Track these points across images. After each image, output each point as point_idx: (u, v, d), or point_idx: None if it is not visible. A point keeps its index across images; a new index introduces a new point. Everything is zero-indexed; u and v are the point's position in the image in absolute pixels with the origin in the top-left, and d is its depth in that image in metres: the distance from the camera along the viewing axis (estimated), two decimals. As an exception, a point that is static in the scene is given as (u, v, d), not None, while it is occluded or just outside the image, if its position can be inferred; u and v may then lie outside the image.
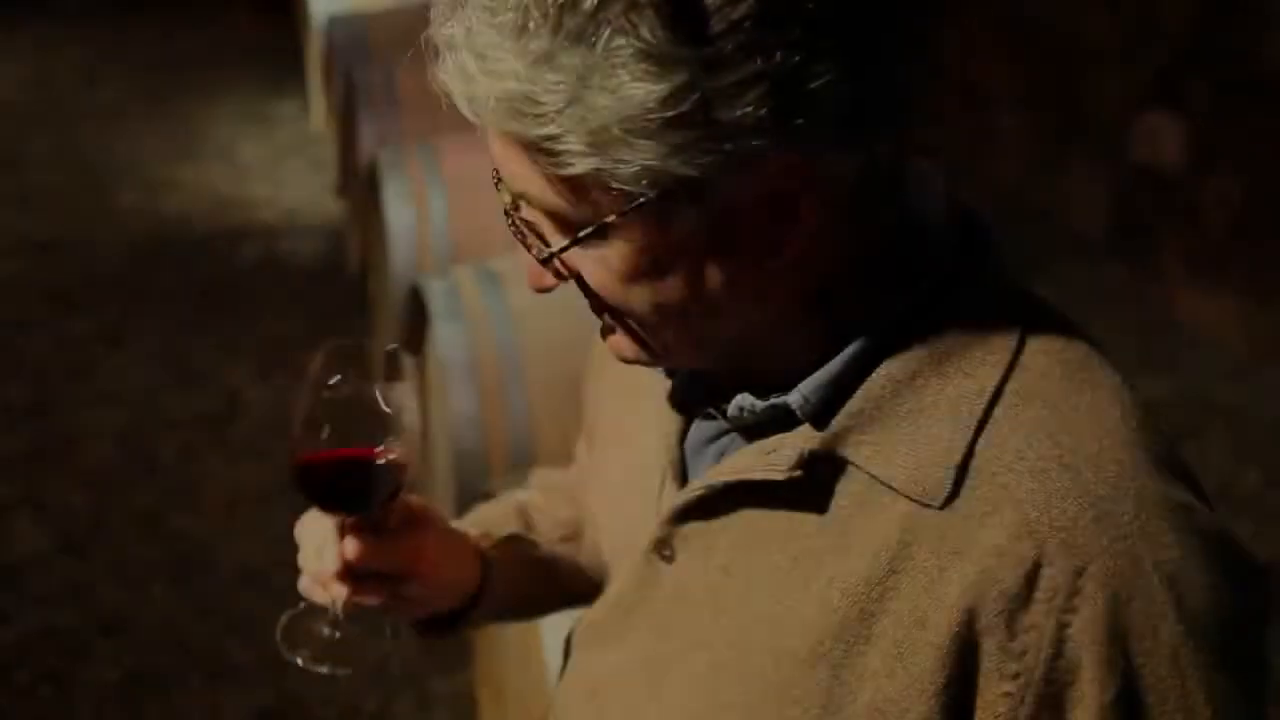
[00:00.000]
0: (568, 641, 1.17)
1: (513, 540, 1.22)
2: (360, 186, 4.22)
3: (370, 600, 1.10)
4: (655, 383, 1.01)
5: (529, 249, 0.83)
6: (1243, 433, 3.91)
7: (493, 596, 1.18)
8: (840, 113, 0.74)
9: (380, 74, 4.31)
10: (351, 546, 1.06)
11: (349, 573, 1.07)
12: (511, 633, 2.22)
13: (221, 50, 8.25)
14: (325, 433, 1.04)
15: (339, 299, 4.84)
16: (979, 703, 0.80)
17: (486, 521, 1.24)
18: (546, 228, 0.82)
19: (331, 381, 1.02)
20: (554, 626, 1.81)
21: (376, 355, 1.06)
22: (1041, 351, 0.84)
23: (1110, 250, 4.93)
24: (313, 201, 5.84)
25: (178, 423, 4.04)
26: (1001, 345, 0.83)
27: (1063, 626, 0.76)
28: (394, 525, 1.10)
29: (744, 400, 0.89)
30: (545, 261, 0.82)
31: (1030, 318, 0.86)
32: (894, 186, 0.85)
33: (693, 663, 0.93)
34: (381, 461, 1.04)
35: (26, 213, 5.75)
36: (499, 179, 0.84)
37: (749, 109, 0.72)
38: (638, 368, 1.05)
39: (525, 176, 0.79)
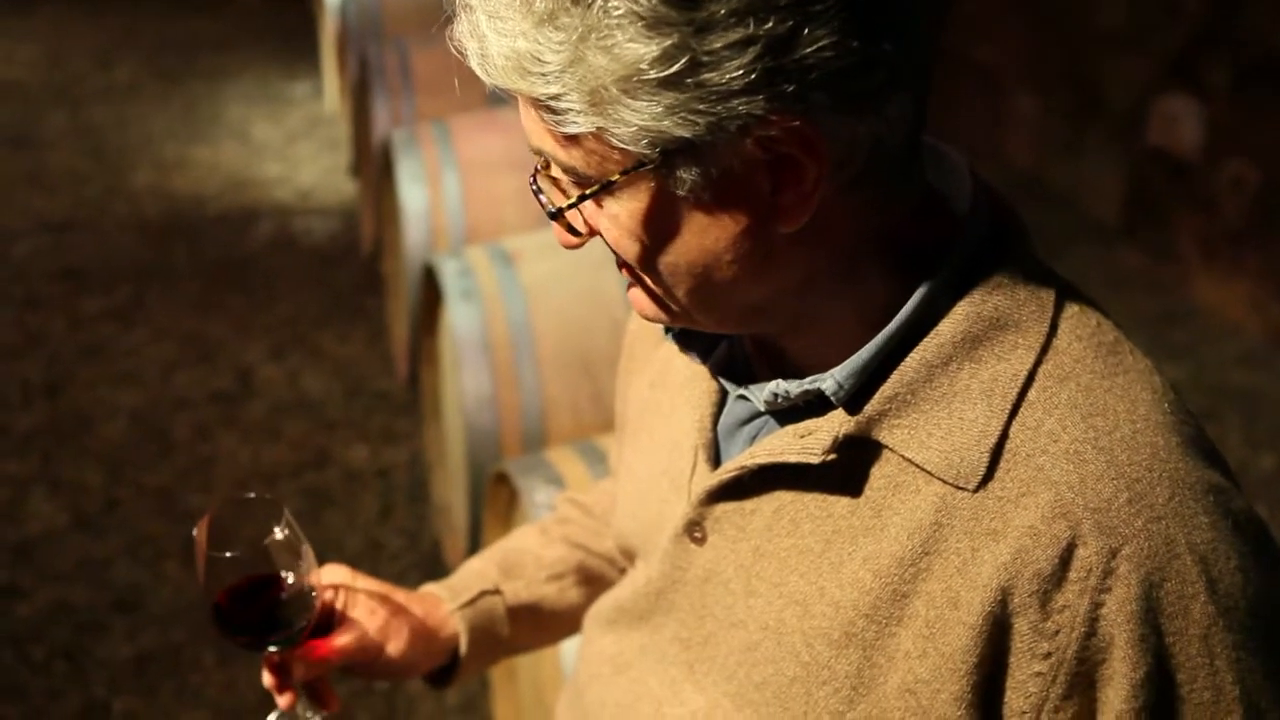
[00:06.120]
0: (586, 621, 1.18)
1: (478, 598, 1.26)
2: (374, 166, 4.23)
3: (325, 708, 1.17)
4: (688, 367, 1.02)
5: (543, 206, 0.85)
6: (1257, 417, 3.91)
7: (472, 650, 1.24)
8: (840, 79, 0.74)
9: (394, 54, 4.31)
10: (281, 671, 1.14)
11: (287, 687, 1.14)
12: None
13: (235, 31, 8.26)
14: (229, 590, 1.11)
15: (352, 279, 4.85)
16: (1010, 682, 0.81)
17: (460, 580, 1.29)
18: (567, 185, 0.84)
19: (221, 544, 1.09)
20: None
21: (255, 504, 1.14)
22: (1074, 335, 0.84)
23: (1126, 235, 4.91)
24: (326, 181, 5.85)
25: (191, 401, 4.05)
26: (1034, 329, 0.84)
27: (1096, 606, 0.77)
28: (333, 625, 1.17)
29: (778, 386, 0.89)
30: (554, 217, 0.84)
31: (1061, 301, 0.86)
32: (914, 159, 0.84)
33: (726, 643, 0.94)
34: (283, 598, 1.11)
35: (41, 193, 5.76)
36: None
37: (739, 73, 0.72)
38: (671, 354, 1.06)
39: (540, 134, 0.81)
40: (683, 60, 0.72)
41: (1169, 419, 0.82)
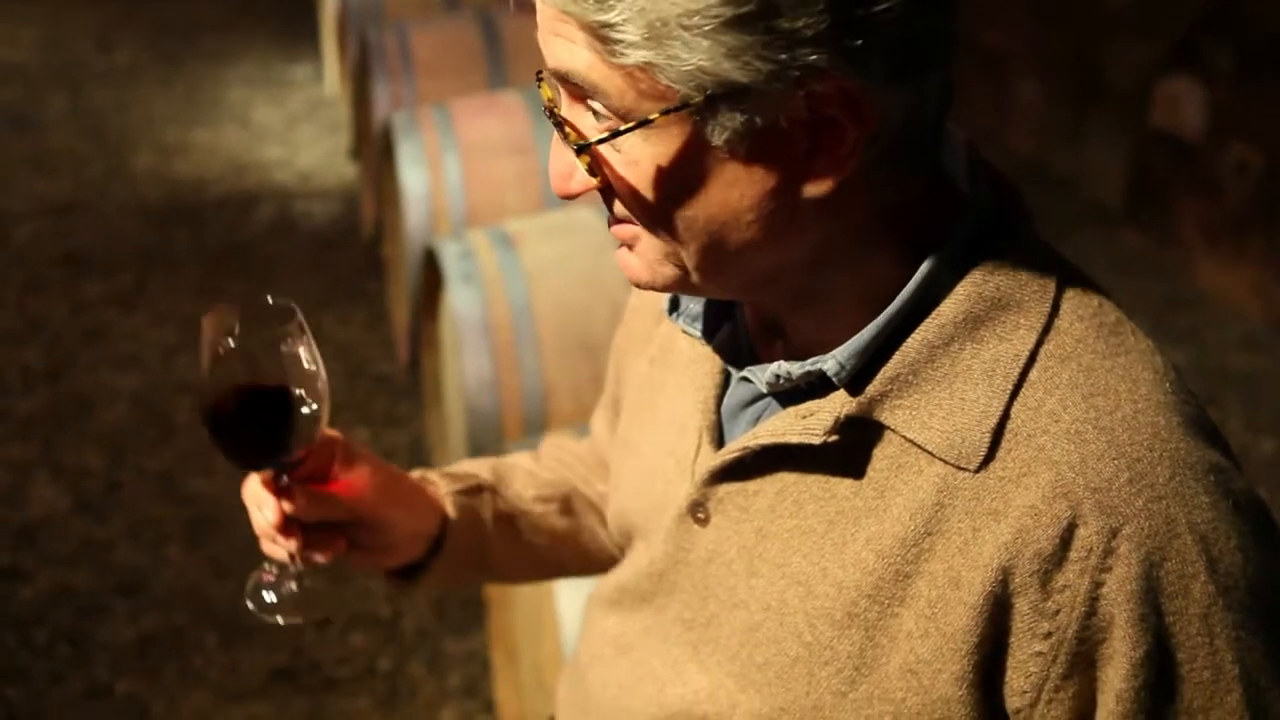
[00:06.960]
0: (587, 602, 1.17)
1: (474, 490, 1.21)
2: (374, 149, 4.21)
3: (321, 556, 1.10)
4: (691, 348, 1.01)
5: (565, 139, 0.82)
6: (1259, 402, 3.90)
7: (454, 543, 1.18)
8: (896, 44, 0.73)
9: (394, 37, 4.29)
10: (285, 501, 1.06)
11: (293, 526, 1.07)
12: (525, 594, 2.23)
13: (235, 13, 8.22)
14: (231, 393, 1.02)
15: (353, 262, 4.84)
16: (1011, 662, 0.81)
17: (455, 470, 1.24)
18: (584, 124, 0.81)
19: (228, 342, 1.00)
20: (569, 587, 1.82)
21: (267, 309, 1.04)
22: (1075, 315, 0.84)
23: (1129, 218, 4.90)
24: (327, 165, 5.84)
25: (192, 385, 4.05)
26: (1035, 309, 0.83)
27: (1096, 585, 0.77)
28: (330, 473, 1.10)
29: (780, 368, 0.89)
30: (580, 151, 0.80)
31: (1063, 282, 0.85)
32: (937, 138, 0.84)
33: (729, 623, 0.94)
34: (293, 409, 1.02)
35: (41, 176, 5.75)
36: (541, 77, 0.83)
37: (811, 20, 0.71)
38: (673, 333, 1.05)
39: (571, 57, 0.77)
40: (758, 1, 0.70)
41: (1170, 399, 0.82)
